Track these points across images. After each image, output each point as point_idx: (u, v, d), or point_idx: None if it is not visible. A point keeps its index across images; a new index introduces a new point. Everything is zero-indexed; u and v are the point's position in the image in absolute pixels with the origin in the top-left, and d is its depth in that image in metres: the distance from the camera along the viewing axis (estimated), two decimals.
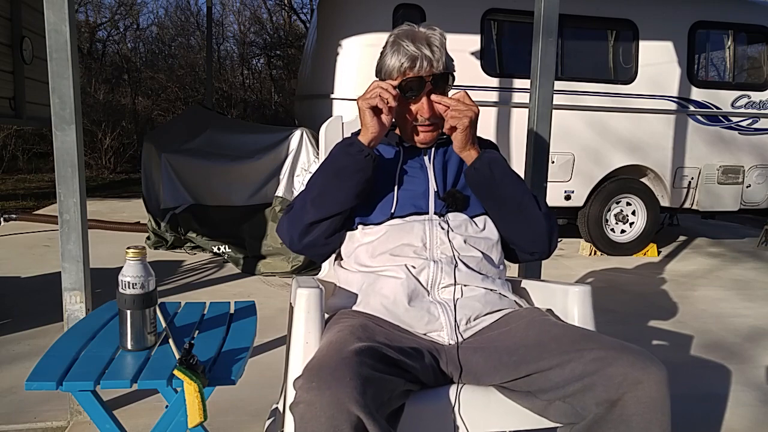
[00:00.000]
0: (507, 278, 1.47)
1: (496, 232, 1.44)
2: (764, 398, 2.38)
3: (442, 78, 1.41)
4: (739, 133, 5.09)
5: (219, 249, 4.27)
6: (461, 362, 1.24)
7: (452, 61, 1.46)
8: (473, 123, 1.38)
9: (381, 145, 1.51)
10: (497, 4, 4.67)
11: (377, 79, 1.46)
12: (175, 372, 1.16)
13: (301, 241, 1.43)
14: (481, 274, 1.37)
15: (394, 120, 1.44)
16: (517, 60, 4.70)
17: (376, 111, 1.36)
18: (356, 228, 1.43)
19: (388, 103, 1.35)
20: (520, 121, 4.19)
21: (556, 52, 2.42)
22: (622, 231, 5.07)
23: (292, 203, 1.47)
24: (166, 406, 1.24)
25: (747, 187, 5.15)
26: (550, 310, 1.41)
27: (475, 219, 1.42)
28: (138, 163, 5.75)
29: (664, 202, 5.08)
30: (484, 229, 1.43)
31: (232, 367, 1.24)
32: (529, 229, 1.45)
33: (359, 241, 1.42)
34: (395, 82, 1.38)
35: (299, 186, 4.16)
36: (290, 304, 1.41)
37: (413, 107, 1.42)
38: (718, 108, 5.02)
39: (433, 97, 1.40)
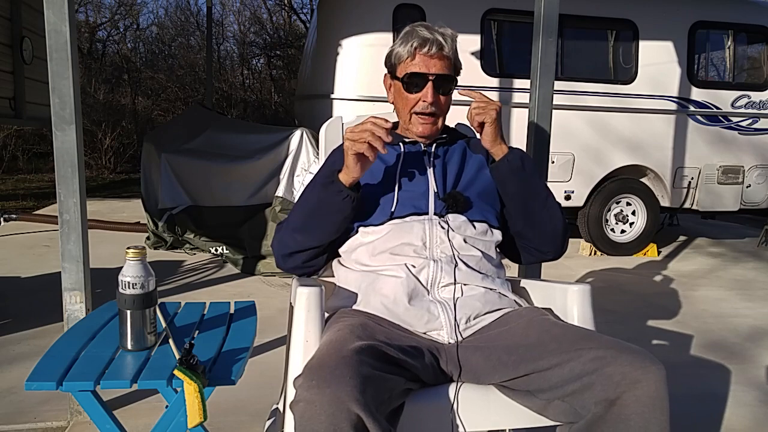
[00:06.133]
0: (507, 278, 1.48)
1: (497, 235, 1.45)
2: (764, 398, 2.38)
3: (446, 80, 1.42)
4: (739, 133, 5.09)
5: (216, 250, 4.27)
6: (461, 361, 1.24)
7: (460, 64, 1.48)
8: (499, 116, 1.41)
9: None
10: (497, 4, 4.67)
11: (386, 71, 1.49)
12: (175, 372, 1.16)
13: (284, 264, 1.46)
14: (480, 273, 1.37)
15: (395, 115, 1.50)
16: (517, 60, 4.70)
17: (362, 156, 1.30)
18: (357, 232, 1.43)
19: (381, 137, 1.27)
20: (520, 121, 4.19)
21: (556, 52, 2.42)
22: (622, 231, 5.07)
23: (282, 221, 1.48)
24: (166, 406, 1.24)
25: (747, 187, 5.15)
26: (549, 310, 1.41)
27: (475, 223, 1.43)
28: (138, 163, 5.76)
29: (664, 202, 5.08)
30: (484, 231, 1.43)
31: (232, 367, 1.24)
32: (549, 226, 1.47)
33: (359, 241, 1.42)
34: (389, 125, 1.28)
35: (299, 186, 4.16)
36: (290, 303, 1.41)
37: (415, 95, 1.45)
38: (718, 108, 5.02)
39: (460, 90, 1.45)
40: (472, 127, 1.48)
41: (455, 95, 1.53)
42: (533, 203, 1.45)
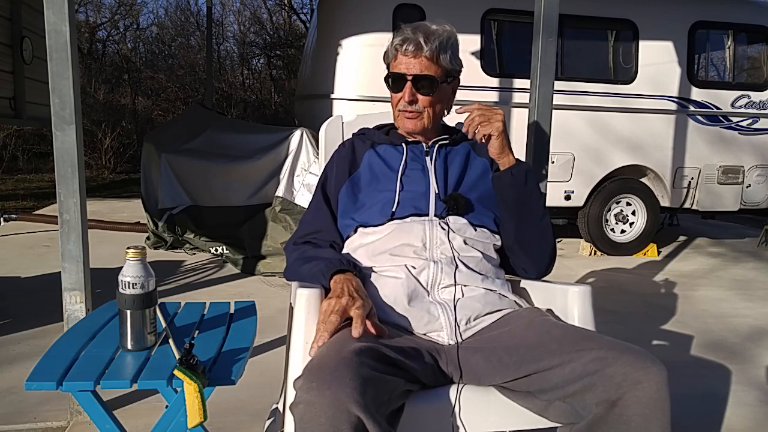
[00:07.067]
0: (507, 278, 1.47)
1: (497, 240, 1.45)
2: (765, 398, 2.38)
3: (425, 80, 1.42)
4: (739, 133, 5.09)
5: (216, 250, 4.27)
6: (461, 362, 1.23)
7: (457, 64, 1.47)
8: (505, 126, 1.41)
9: (384, 145, 1.52)
10: (497, 4, 4.67)
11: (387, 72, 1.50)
12: (175, 372, 1.16)
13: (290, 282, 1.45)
14: (481, 274, 1.36)
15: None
16: (517, 60, 4.70)
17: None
18: (356, 232, 1.43)
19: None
20: (520, 121, 4.19)
21: (556, 52, 2.42)
22: (622, 231, 5.07)
23: (292, 243, 1.47)
24: (166, 406, 1.24)
25: (747, 187, 5.15)
26: (550, 310, 1.41)
27: (475, 227, 1.42)
28: (138, 163, 5.77)
29: (664, 202, 5.08)
30: (484, 235, 1.43)
31: (232, 367, 1.24)
32: (538, 246, 1.47)
33: (359, 242, 1.42)
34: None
35: (299, 186, 4.16)
36: (290, 304, 1.41)
37: (398, 95, 1.47)
38: (718, 108, 5.02)
39: (457, 108, 1.45)
40: (475, 139, 1.44)
41: (457, 96, 1.53)
42: (527, 219, 1.44)
